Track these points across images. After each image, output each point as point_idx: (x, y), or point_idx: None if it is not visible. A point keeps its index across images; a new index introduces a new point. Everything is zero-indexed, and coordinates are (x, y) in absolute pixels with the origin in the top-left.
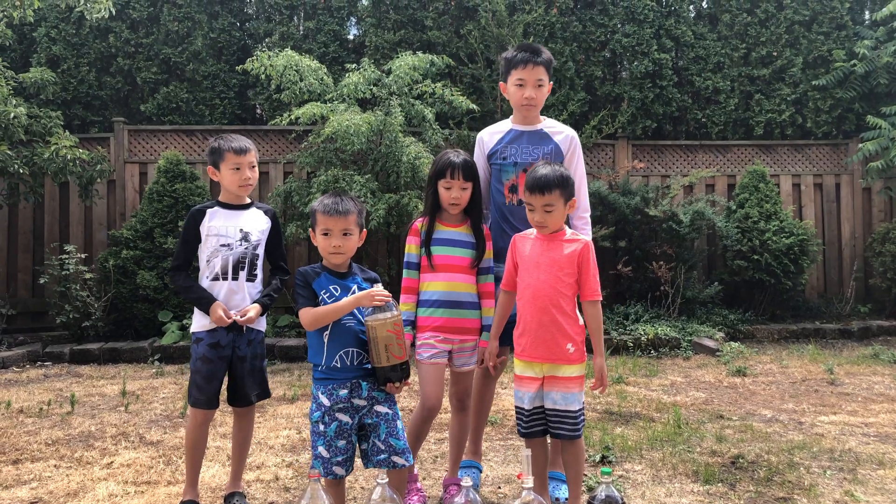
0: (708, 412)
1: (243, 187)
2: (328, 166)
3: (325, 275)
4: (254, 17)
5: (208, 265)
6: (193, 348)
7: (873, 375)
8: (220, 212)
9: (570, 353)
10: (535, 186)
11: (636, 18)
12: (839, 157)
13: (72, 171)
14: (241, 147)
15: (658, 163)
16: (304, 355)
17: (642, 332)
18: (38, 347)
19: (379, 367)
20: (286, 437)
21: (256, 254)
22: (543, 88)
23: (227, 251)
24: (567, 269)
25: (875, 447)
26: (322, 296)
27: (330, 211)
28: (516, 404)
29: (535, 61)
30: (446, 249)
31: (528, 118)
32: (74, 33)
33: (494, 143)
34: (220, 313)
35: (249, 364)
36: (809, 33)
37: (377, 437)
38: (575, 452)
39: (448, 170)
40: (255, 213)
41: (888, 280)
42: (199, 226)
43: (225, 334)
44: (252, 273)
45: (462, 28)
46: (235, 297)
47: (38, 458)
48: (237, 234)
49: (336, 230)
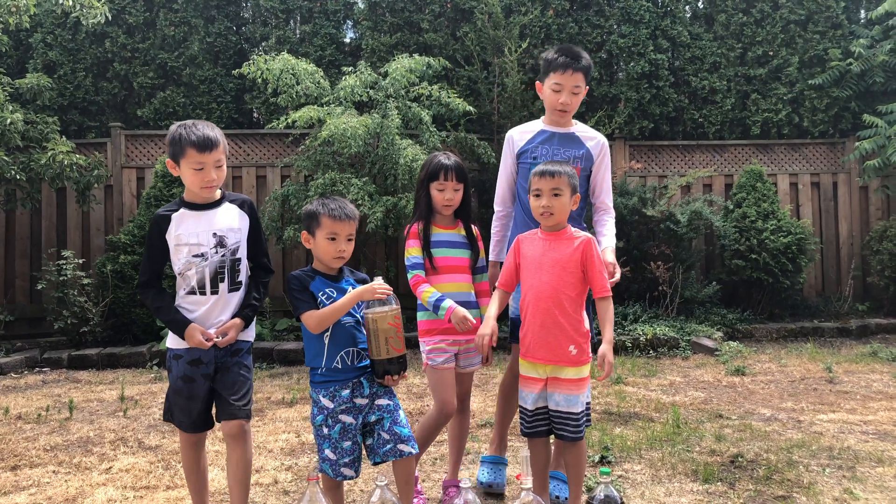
0: (707, 412)
1: (206, 189)
2: (325, 169)
3: (319, 278)
4: (250, 22)
5: (183, 279)
6: (172, 365)
7: (872, 373)
8: (186, 215)
9: (573, 354)
10: (544, 171)
11: (632, 19)
12: (836, 156)
13: (69, 177)
14: (205, 141)
15: (655, 163)
16: (302, 359)
17: (641, 332)
18: (36, 353)
19: (378, 360)
20: (285, 440)
21: (237, 258)
22: (580, 95)
23: (202, 262)
24: (571, 269)
25: (874, 445)
26: (320, 298)
27: (339, 215)
28: (520, 404)
29: (574, 67)
30: (446, 251)
31: (561, 122)
32: (71, 39)
33: (525, 141)
34: (199, 338)
35: (233, 373)
36: (805, 32)
37: (381, 428)
38: (577, 454)
39: (441, 172)
40: (228, 211)
41: (886, 278)
42: (165, 234)
43: (205, 350)
44: (235, 282)
45: (458, 30)
46: (217, 312)
47: (36, 463)
48: (210, 239)
49: (342, 235)
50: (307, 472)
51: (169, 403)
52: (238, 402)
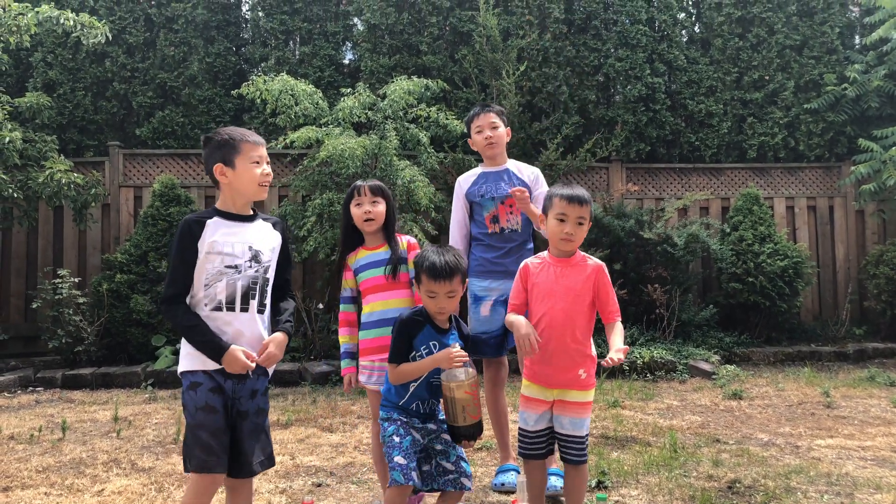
0: (704, 436)
1: (263, 186)
2: (323, 190)
3: (428, 327)
4: (250, 42)
5: (207, 291)
6: (190, 396)
7: (869, 398)
8: (222, 224)
9: (582, 378)
10: (573, 198)
11: (629, 43)
12: (832, 180)
13: (66, 195)
14: (258, 138)
15: (652, 186)
16: (297, 380)
17: (638, 355)
18: (29, 373)
19: (455, 427)
20: (279, 462)
21: (267, 278)
22: (499, 129)
23: (235, 274)
24: (584, 295)
25: (872, 471)
26: (421, 350)
27: (436, 274)
28: (520, 426)
29: (485, 110)
30: (371, 272)
31: (495, 161)
32: (71, 58)
33: (471, 184)
34: (244, 361)
35: (252, 422)
36: (801, 57)
37: (446, 458)
38: (579, 477)
39: (355, 190)
40: (263, 227)
41: (883, 302)
42: (198, 241)
43: (223, 380)
44: (262, 303)
45: (457, 53)
46: (248, 333)
47: (28, 485)
48: (246, 252)
49: (441, 293)
50: (301, 495)
51: (190, 447)
52: (256, 457)
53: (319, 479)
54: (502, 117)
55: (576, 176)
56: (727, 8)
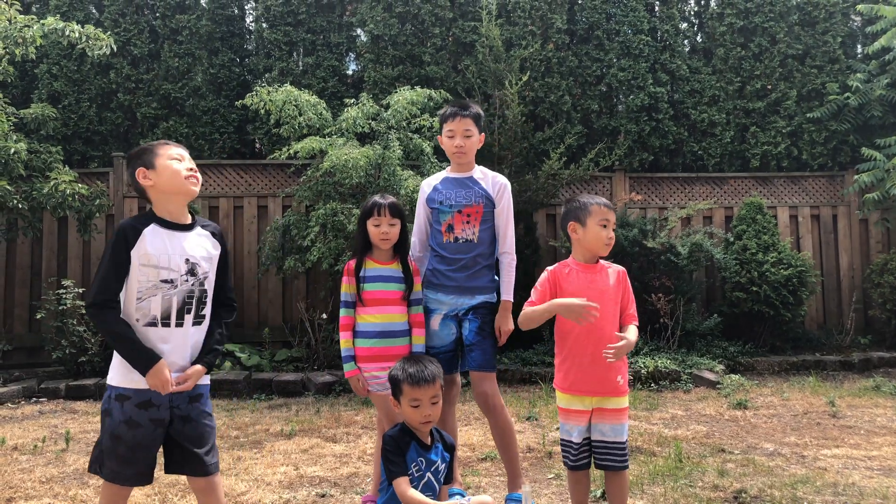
0: (709, 446)
1: (191, 181)
2: (327, 200)
3: (414, 445)
4: (253, 53)
5: (140, 305)
6: (114, 407)
7: (875, 408)
8: (158, 232)
9: (620, 385)
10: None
11: (631, 53)
12: (835, 189)
13: (70, 206)
14: (176, 144)
15: (655, 195)
16: (301, 390)
17: (642, 364)
18: (33, 383)
19: None
20: (283, 473)
21: (205, 289)
22: (472, 138)
23: (170, 289)
24: (615, 298)
25: (879, 481)
26: (411, 469)
27: (418, 380)
28: (563, 438)
29: (462, 114)
30: (380, 285)
31: (462, 167)
32: (76, 70)
33: (432, 189)
34: (166, 377)
35: (198, 424)
36: (803, 67)
37: None
38: (622, 483)
39: (375, 209)
40: (200, 236)
41: (888, 311)
42: (132, 249)
43: (154, 393)
44: (199, 314)
45: (460, 63)
46: (181, 347)
47: (32, 496)
48: (182, 265)
49: (426, 399)
50: None
51: (100, 451)
52: (209, 457)
53: (323, 489)
54: (479, 123)
55: (579, 185)
56: (729, 18)
